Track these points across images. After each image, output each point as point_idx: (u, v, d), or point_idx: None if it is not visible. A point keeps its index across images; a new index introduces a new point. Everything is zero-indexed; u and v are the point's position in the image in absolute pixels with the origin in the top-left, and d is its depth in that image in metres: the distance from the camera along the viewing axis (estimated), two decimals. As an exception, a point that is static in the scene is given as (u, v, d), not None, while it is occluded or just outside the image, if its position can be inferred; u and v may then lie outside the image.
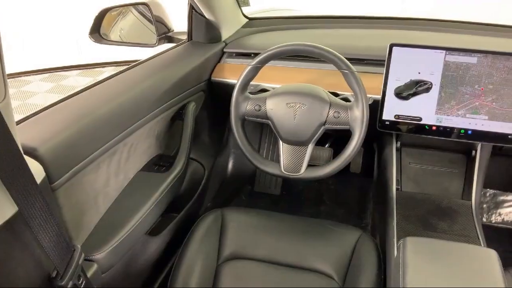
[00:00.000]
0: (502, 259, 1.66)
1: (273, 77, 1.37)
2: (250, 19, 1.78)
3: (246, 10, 1.86)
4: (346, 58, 1.26)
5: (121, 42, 1.54)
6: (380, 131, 1.27)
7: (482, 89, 1.15)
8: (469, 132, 1.19)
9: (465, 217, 1.23)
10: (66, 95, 1.04)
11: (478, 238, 1.14)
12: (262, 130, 2.02)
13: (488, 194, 1.90)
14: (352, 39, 1.49)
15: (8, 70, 0.59)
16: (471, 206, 1.27)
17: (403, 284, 0.82)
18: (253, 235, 1.23)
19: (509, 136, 1.16)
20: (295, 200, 2.02)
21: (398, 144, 1.40)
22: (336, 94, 1.26)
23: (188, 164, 1.35)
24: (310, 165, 1.18)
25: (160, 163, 1.26)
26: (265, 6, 2.40)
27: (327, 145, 1.89)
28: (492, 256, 0.89)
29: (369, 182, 1.88)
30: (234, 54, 1.52)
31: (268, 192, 2.05)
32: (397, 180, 1.39)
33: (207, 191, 1.66)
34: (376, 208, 1.68)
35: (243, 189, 2.04)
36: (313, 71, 1.39)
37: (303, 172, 1.17)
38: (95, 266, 0.91)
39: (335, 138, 1.87)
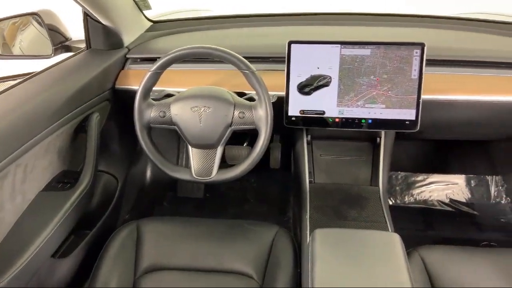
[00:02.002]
0: (415, 237, 1.77)
1: (179, 81, 1.34)
2: (155, 22, 1.74)
3: (152, 12, 1.82)
4: (249, 57, 1.26)
5: (14, 55, 1.45)
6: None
7: (377, 79, 1.20)
8: (370, 121, 1.24)
9: (373, 203, 1.29)
10: None
11: (386, 222, 1.19)
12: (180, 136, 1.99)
13: (400, 177, 2.01)
14: (255, 37, 1.50)
15: None
16: (379, 192, 1.33)
17: (311, 276, 0.84)
18: (171, 244, 1.20)
19: (406, 122, 1.23)
20: (219, 202, 2.01)
21: (309, 138, 1.43)
22: (243, 94, 1.26)
23: (97, 178, 1.29)
24: (223, 167, 1.18)
25: (64, 180, 1.19)
26: (177, 7, 2.36)
27: (245, 143, 1.90)
28: (395, 240, 0.94)
29: (289, 176, 1.92)
30: (138, 60, 1.47)
31: (192, 196, 2.03)
32: (310, 172, 1.42)
33: (123, 203, 1.60)
34: (295, 202, 1.71)
35: (165, 196, 2.00)
36: (220, 72, 1.38)
37: (214, 175, 1.16)
38: None
39: (252, 136, 1.89)
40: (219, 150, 1.16)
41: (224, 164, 1.21)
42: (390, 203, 1.93)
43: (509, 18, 2.01)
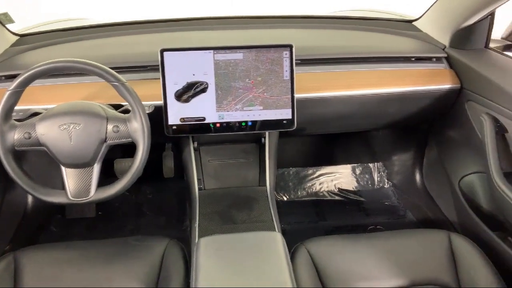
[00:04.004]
0: (309, 230, 1.84)
1: (47, 98, 1.25)
2: (22, 35, 1.61)
3: (21, 25, 1.69)
4: (123, 67, 1.21)
5: None
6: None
7: (252, 82, 1.23)
8: (249, 123, 1.26)
9: (262, 203, 1.32)
10: None
11: (273, 221, 1.22)
12: None
13: (291, 173, 2.08)
14: (129, 46, 1.46)
15: None
16: (267, 191, 1.37)
17: (195, 287, 0.83)
18: (54, 273, 1.12)
19: (284, 122, 1.27)
20: (113, 219, 1.92)
21: (196, 144, 1.42)
22: (119, 106, 1.21)
23: None
24: (109, 183, 1.12)
25: None
26: (53, 18, 2.21)
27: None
28: (277, 239, 0.96)
29: (184, 184, 1.90)
30: (3, 78, 1.35)
31: (83, 217, 1.91)
32: (199, 179, 1.41)
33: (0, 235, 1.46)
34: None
35: (52, 220, 1.86)
36: (93, 85, 1.31)
37: (93, 194, 1.10)
38: None
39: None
40: (96, 168, 1.10)
41: (112, 179, 1.15)
42: (285, 199, 1.99)
43: (379, 14, 2.19)
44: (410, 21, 1.70)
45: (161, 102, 1.24)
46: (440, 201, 1.71)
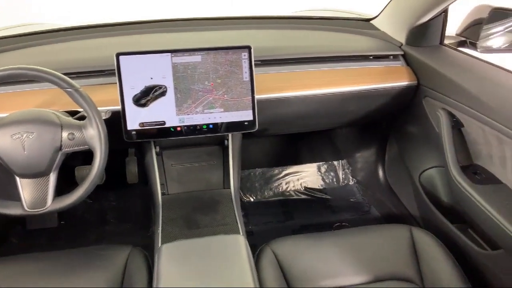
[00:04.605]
0: (275, 230, 1.84)
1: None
2: (-30, 43, 1.55)
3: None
4: (78, 73, 1.18)
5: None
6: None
7: (212, 84, 1.22)
8: (211, 126, 1.25)
9: (226, 205, 1.31)
10: None
11: (237, 223, 1.21)
12: None
13: (258, 173, 2.08)
14: (85, 51, 1.42)
15: None
16: (231, 193, 1.36)
17: None
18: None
19: (245, 123, 1.26)
20: (76, 228, 1.87)
21: (157, 149, 1.40)
22: (76, 113, 1.18)
23: None
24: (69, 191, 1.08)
25: None
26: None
27: None
28: (239, 242, 0.95)
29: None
30: None
31: (45, 227, 1.85)
32: (162, 184, 1.39)
33: None
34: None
35: (13, 231, 1.80)
36: (47, 91, 1.27)
37: (50, 204, 1.06)
38: None
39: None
40: (52, 177, 1.07)
41: (74, 187, 1.11)
42: (252, 200, 1.99)
43: (338, 14, 2.21)
44: (368, 20, 1.73)
45: (119, 107, 1.21)
46: (402, 196, 1.75)
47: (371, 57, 1.47)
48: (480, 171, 1.22)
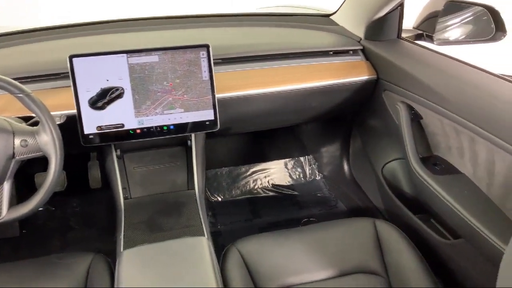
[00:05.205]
0: (244, 228, 1.83)
1: None
2: None
3: None
4: (30, 77, 1.14)
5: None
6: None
7: (170, 84, 1.19)
8: (172, 127, 1.22)
9: (190, 207, 1.29)
10: None
11: (201, 224, 1.20)
12: None
13: (224, 172, 2.06)
14: (37, 54, 1.37)
15: None
16: (195, 194, 1.34)
17: None
18: None
19: (207, 123, 1.25)
20: (39, 237, 1.81)
21: (118, 152, 1.37)
22: (30, 118, 1.14)
23: None
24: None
25: None
26: None
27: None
28: (202, 243, 0.94)
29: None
30: None
31: (6, 237, 1.79)
32: (124, 188, 1.36)
33: None
34: None
35: None
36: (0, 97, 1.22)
37: (4, 214, 1.02)
38: None
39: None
40: (6, 186, 1.02)
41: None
42: (219, 199, 1.98)
43: (299, 10, 2.22)
44: (328, 16, 1.73)
45: (74, 111, 1.17)
46: (367, 189, 1.77)
47: (331, 53, 1.47)
48: (439, 162, 1.24)
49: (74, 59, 1.13)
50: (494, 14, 1.37)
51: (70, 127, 1.17)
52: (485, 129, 1.02)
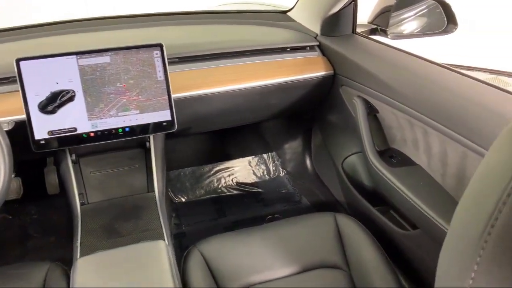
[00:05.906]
0: (209, 228, 1.81)
1: None
2: None
3: None
4: None
5: None
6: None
7: (124, 85, 1.17)
8: (127, 129, 1.20)
9: (150, 210, 1.27)
10: None
11: (161, 227, 1.18)
12: None
13: (188, 173, 2.04)
14: None
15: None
16: (155, 197, 1.32)
17: None
18: None
19: (164, 124, 1.22)
20: None
21: (74, 157, 1.33)
22: None
23: None
24: None
25: None
26: None
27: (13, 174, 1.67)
28: (160, 247, 0.92)
29: None
30: None
31: None
32: (81, 194, 1.32)
33: None
34: None
35: None
36: None
37: None
38: None
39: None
40: None
41: None
42: (183, 200, 1.95)
43: (256, 7, 2.21)
44: (285, 12, 1.74)
45: (24, 116, 1.13)
46: (329, 184, 1.79)
47: (289, 49, 1.47)
48: (396, 155, 1.26)
49: (22, 63, 1.09)
50: (445, 7, 1.40)
51: (21, 133, 1.12)
52: (437, 120, 1.04)
